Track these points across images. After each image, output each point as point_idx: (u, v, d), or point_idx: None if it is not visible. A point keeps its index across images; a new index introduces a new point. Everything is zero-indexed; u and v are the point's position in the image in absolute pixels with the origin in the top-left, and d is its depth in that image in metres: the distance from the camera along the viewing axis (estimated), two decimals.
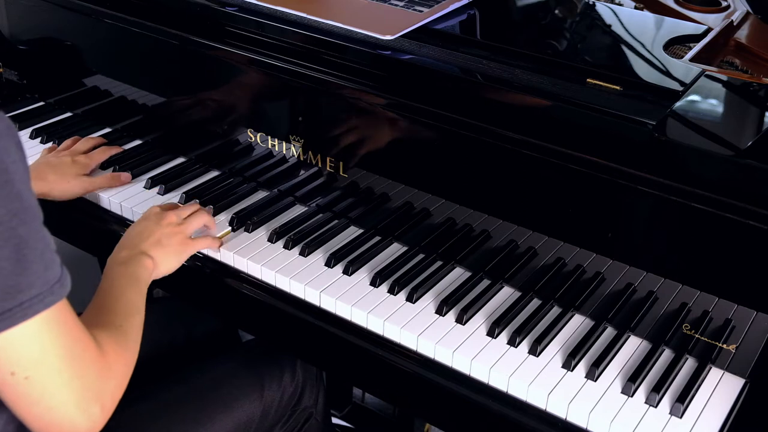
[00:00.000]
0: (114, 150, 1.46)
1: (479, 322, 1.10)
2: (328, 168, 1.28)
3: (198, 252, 1.23)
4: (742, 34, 1.33)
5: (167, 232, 1.17)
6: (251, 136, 1.35)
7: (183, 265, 1.21)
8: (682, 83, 1.09)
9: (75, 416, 0.84)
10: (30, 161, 0.89)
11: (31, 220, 0.78)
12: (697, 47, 1.21)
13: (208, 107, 1.40)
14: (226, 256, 1.22)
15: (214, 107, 1.39)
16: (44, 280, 0.79)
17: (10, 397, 0.82)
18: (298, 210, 1.34)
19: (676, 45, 1.25)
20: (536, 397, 1.00)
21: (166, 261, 1.15)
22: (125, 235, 1.18)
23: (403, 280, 1.16)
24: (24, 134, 1.54)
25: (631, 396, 1.00)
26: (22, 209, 0.77)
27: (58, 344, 0.82)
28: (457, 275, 1.20)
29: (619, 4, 1.43)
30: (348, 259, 1.20)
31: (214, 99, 1.39)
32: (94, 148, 1.45)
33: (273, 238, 1.25)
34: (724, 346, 1.04)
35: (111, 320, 0.98)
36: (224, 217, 1.30)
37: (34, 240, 0.78)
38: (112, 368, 0.89)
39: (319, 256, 1.22)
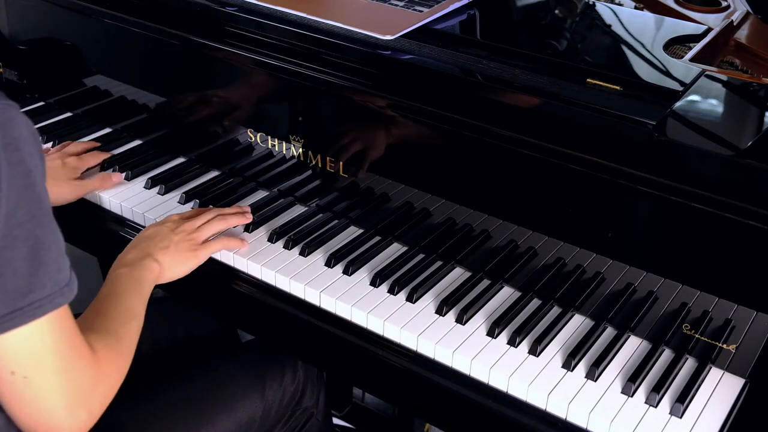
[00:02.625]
0: (104, 156, 1.44)
1: (479, 322, 1.10)
2: (328, 168, 1.28)
3: None
4: (742, 34, 1.33)
5: (178, 239, 1.17)
6: (251, 136, 1.35)
7: None
8: (682, 83, 1.09)
9: (62, 419, 0.85)
10: None
11: (48, 223, 0.80)
12: (697, 47, 1.21)
13: (207, 107, 1.40)
14: (226, 256, 1.22)
15: (214, 107, 1.39)
16: (55, 281, 0.81)
17: (5, 395, 0.83)
18: (298, 210, 1.34)
19: (676, 45, 1.25)
20: (536, 397, 1.00)
21: (174, 267, 1.15)
22: (138, 236, 1.18)
23: (403, 280, 1.16)
24: None
25: (631, 396, 1.00)
26: (41, 212, 0.79)
27: (58, 346, 0.83)
28: (457, 275, 1.20)
29: (619, 4, 1.43)
30: (348, 259, 1.20)
31: (214, 99, 1.39)
32: (86, 152, 1.43)
33: (273, 238, 1.25)
34: (724, 346, 1.04)
35: (107, 325, 0.98)
36: None
37: (50, 242, 0.80)
38: (103, 374, 0.90)
39: (319, 256, 1.22)
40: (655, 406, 0.99)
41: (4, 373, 0.81)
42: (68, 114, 1.62)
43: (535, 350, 1.05)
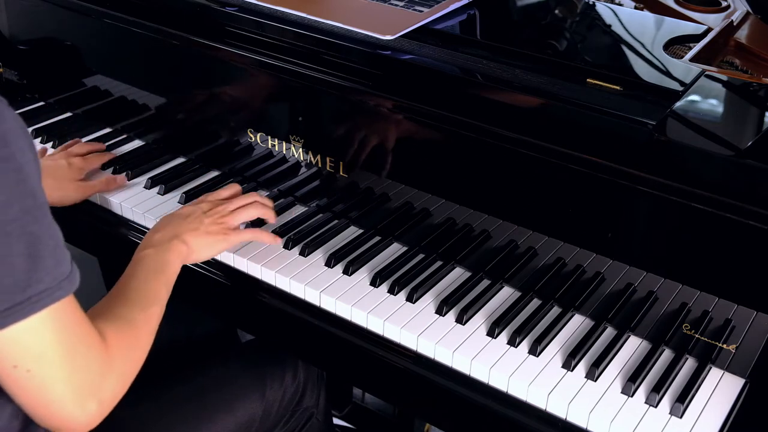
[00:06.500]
0: (108, 156, 1.44)
1: (479, 322, 1.10)
2: (328, 168, 1.28)
3: None
4: (742, 34, 1.33)
5: (209, 221, 1.16)
6: (251, 136, 1.35)
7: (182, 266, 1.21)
8: (682, 83, 1.09)
9: (71, 410, 0.85)
10: None
11: (43, 217, 0.80)
12: (697, 47, 1.21)
13: (207, 107, 1.40)
14: (226, 256, 1.22)
15: (214, 107, 1.39)
16: (54, 275, 0.80)
17: (12, 388, 0.83)
18: (298, 210, 1.34)
19: (676, 45, 1.25)
20: (536, 397, 1.00)
21: (202, 249, 1.14)
22: (170, 214, 1.18)
23: (403, 280, 1.16)
24: None
25: (631, 396, 1.00)
26: (36, 206, 0.78)
27: (61, 339, 0.82)
28: (457, 275, 1.20)
29: (619, 4, 1.43)
30: (348, 259, 1.20)
31: (214, 99, 1.39)
32: (90, 153, 1.43)
33: None
34: (724, 346, 1.04)
35: (124, 312, 0.97)
36: None
37: (47, 236, 0.80)
38: (114, 364, 0.89)
39: (319, 256, 1.22)
40: (655, 406, 0.99)
41: (6, 367, 0.81)
42: (68, 114, 1.62)
43: (535, 350, 1.05)
